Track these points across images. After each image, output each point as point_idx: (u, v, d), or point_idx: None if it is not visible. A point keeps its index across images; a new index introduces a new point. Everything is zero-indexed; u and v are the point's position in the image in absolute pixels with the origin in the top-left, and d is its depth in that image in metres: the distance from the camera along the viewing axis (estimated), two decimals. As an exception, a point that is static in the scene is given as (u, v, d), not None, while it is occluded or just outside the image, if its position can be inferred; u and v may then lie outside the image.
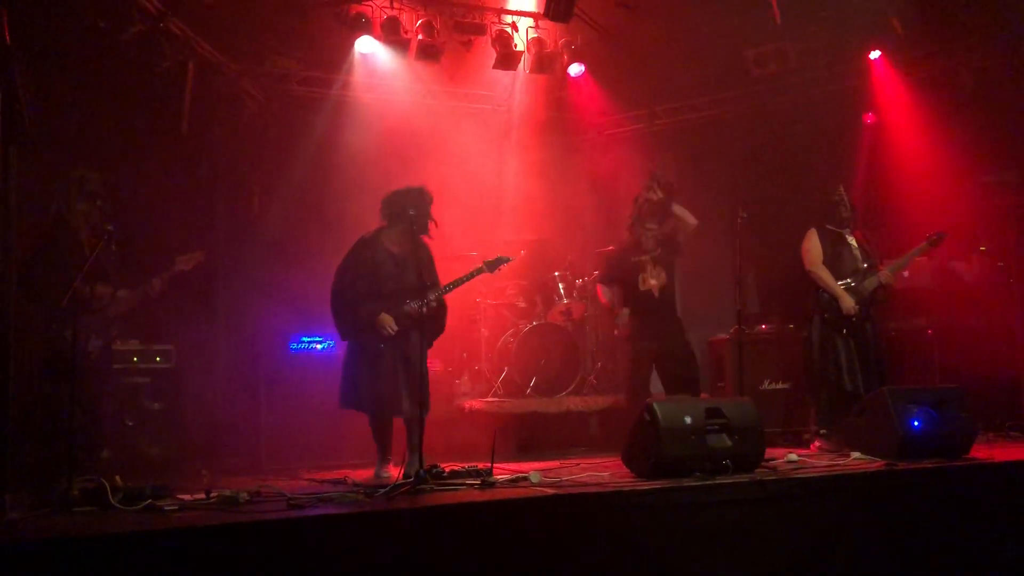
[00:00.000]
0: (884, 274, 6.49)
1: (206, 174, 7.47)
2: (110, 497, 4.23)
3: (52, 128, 5.14)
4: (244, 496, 4.35)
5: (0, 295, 3.79)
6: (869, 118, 8.30)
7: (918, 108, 7.95)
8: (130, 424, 5.96)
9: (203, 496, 4.42)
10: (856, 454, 5.65)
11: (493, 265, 6.05)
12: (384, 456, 5.75)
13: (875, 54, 8.00)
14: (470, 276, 5.88)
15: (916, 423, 5.48)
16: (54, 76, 5.51)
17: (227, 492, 4.41)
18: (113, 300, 5.36)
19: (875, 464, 5.31)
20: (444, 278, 5.92)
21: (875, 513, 4.78)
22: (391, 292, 5.69)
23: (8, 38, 3.75)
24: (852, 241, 6.62)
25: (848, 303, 6.40)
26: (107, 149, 6.43)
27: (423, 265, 5.74)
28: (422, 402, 5.50)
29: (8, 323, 3.93)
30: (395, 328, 5.63)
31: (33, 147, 4.11)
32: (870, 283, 6.49)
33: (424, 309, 5.51)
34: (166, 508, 4.19)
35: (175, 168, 7.00)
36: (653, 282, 6.44)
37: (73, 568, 3.39)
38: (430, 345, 5.85)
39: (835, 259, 6.54)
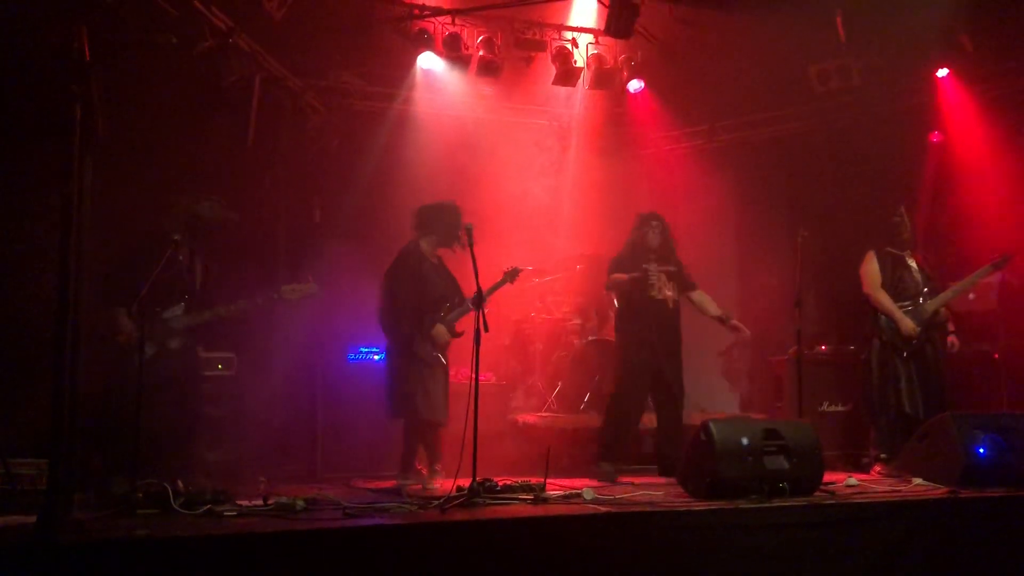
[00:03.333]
0: (961, 285, 6.37)
1: (270, 185, 7.62)
2: (172, 501, 4.33)
3: (126, 139, 5.29)
4: (301, 504, 4.42)
5: (72, 297, 3.90)
6: (935, 136, 8.13)
7: (987, 127, 7.77)
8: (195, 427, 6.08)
9: (261, 503, 4.50)
10: (918, 480, 5.53)
11: (512, 275, 6.02)
12: (433, 465, 5.87)
13: (942, 72, 7.85)
14: (496, 287, 5.91)
15: (981, 450, 5.34)
16: (128, 90, 5.68)
17: (284, 499, 4.48)
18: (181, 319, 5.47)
19: (937, 491, 5.19)
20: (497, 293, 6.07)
21: (936, 542, 4.67)
22: (436, 301, 5.89)
23: (88, 54, 3.89)
24: (912, 263, 6.50)
25: (908, 325, 6.29)
26: (174, 160, 6.61)
27: (450, 276, 6.01)
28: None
29: (79, 325, 4.04)
30: (450, 338, 5.82)
31: (110, 157, 4.24)
32: (930, 306, 6.37)
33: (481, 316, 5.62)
34: (225, 513, 4.27)
35: (240, 179, 7.16)
36: (669, 293, 6.25)
37: (135, 568, 3.48)
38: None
39: (896, 282, 6.43)
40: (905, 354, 6.33)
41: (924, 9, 7.22)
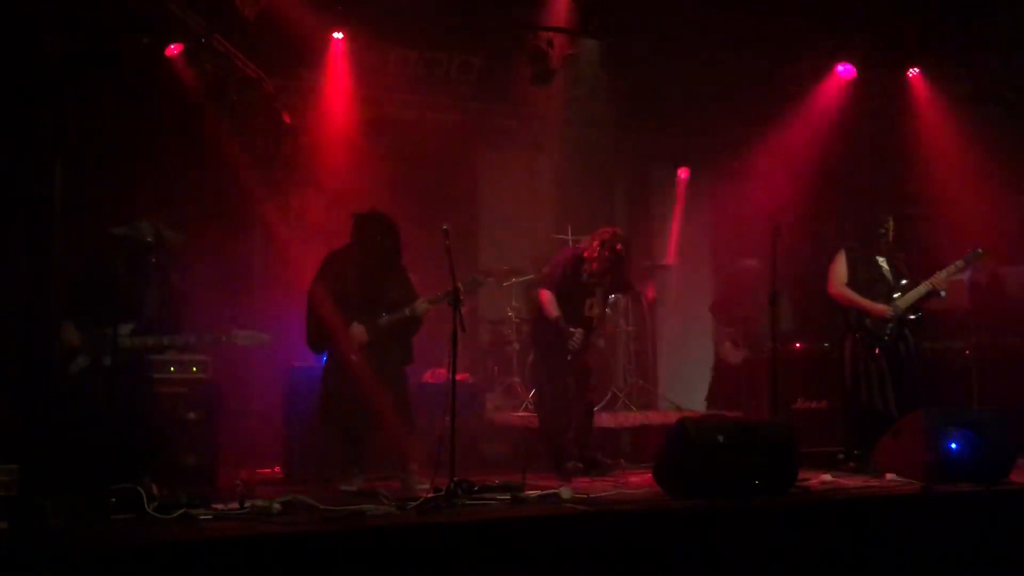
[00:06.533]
0: (936, 279, 6.43)
1: (244, 187, 7.57)
2: (146, 505, 4.29)
3: (97, 144, 5.24)
4: (277, 507, 4.40)
5: (46, 304, 3.87)
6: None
7: (959, 124, 7.87)
8: (166, 433, 6.03)
9: (237, 506, 4.46)
10: (891, 476, 5.59)
11: (470, 286, 5.82)
12: (349, 470, 5.76)
13: (913, 71, 7.94)
14: (441, 299, 5.68)
15: (953, 446, 5.41)
16: (99, 92, 5.63)
17: (260, 502, 4.46)
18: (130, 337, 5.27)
19: (910, 486, 5.25)
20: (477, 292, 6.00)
21: (910, 536, 4.73)
22: (361, 306, 5.78)
23: (61, 61, 3.86)
24: (884, 264, 6.55)
25: (881, 308, 6.34)
26: (147, 162, 6.56)
27: (396, 281, 5.85)
28: (404, 413, 5.72)
29: (52, 331, 4.01)
30: (366, 339, 5.71)
31: (78, 161, 4.19)
32: (903, 302, 6.43)
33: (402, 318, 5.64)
34: (201, 517, 4.24)
35: (213, 180, 7.11)
36: (596, 311, 6.38)
37: (110, 574, 3.45)
38: (406, 363, 5.94)
39: (866, 281, 6.48)
40: (877, 351, 6.39)
41: (896, 10, 7.31)
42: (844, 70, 8.02)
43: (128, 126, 6.30)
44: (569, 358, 6.26)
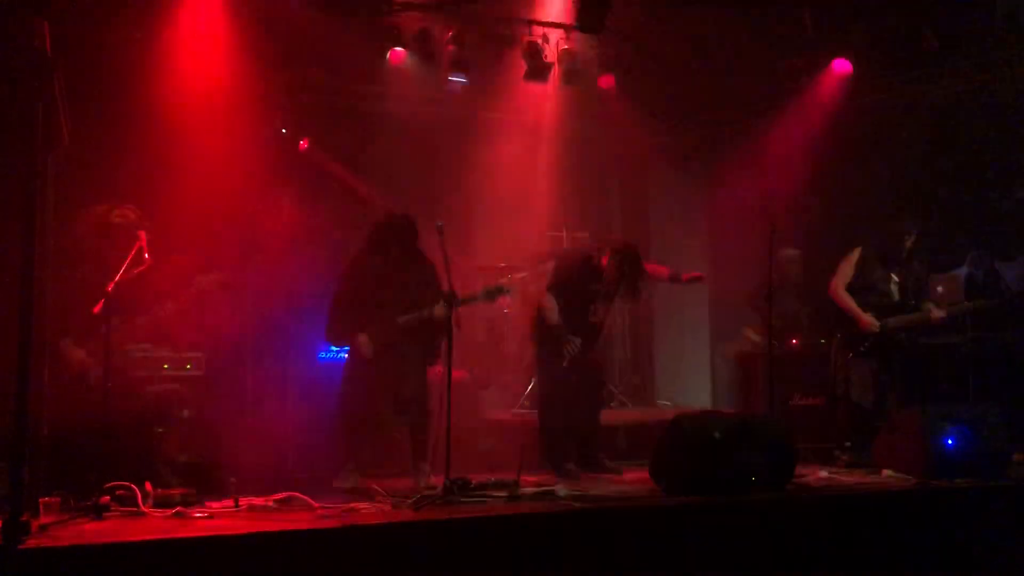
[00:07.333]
0: (936, 314, 6.41)
1: (238, 183, 7.54)
2: (140, 503, 4.27)
3: (87, 139, 5.18)
4: (272, 505, 4.38)
5: (33, 303, 3.83)
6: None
7: (952, 120, 7.87)
8: (160, 431, 5.99)
9: (231, 504, 4.45)
10: (888, 471, 5.59)
11: (492, 294, 5.87)
12: (346, 468, 5.77)
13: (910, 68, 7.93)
14: (472, 300, 5.75)
15: (950, 441, 5.42)
16: (90, 86, 5.59)
17: (256, 500, 4.44)
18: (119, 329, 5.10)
19: (907, 482, 5.25)
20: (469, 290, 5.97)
21: (907, 532, 4.73)
22: (382, 307, 5.79)
23: (48, 49, 3.82)
24: (895, 277, 6.51)
25: (869, 322, 6.31)
26: (140, 158, 6.53)
27: (423, 279, 5.83)
28: (420, 412, 5.72)
29: (42, 331, 3.98)
30: (371, 349, 5.73)
31: (71, 158, 4.16)
32: (894, 323, 6.39)
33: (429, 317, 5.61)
34: (195, 515, 4.23)
35: (206, 177, 7.06)
36: (600, 317, 6.33)
37: (103, 572, 3.43)
38: (432, 361, 5.95)
39: (871, 290, 6.44)
40: (864, 348, 6.39)
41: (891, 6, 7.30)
42: (841, 66, 8.00)
43: (118, 120, 6.26)
44: (565, 364, 6.22)
